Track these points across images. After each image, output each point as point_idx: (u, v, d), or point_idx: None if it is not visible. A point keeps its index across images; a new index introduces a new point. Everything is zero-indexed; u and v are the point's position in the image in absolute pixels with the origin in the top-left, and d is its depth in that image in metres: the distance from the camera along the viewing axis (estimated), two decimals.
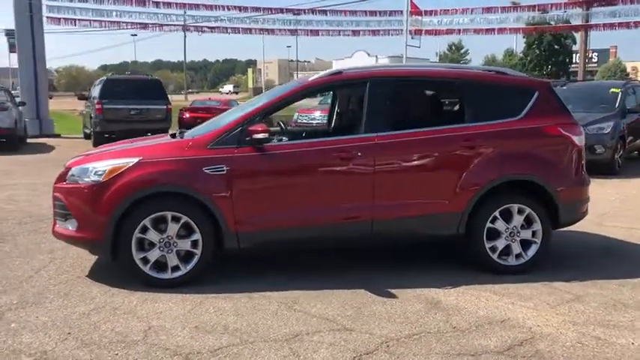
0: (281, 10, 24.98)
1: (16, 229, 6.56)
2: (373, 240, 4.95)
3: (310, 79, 5.07)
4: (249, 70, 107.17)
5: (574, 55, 51.77)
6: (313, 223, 4.75)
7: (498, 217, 4.97)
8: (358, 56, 72.19)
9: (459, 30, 26.14)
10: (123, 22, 22.89)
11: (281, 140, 5.07)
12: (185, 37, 64.44)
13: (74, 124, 24.44)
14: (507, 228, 5.00)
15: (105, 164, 4.62)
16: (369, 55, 73.26)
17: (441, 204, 4.90)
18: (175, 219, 4.56)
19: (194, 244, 4.61)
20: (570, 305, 4.37)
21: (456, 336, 3.80)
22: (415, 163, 4.89)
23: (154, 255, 4.57)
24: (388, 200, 4.82)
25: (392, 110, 4.97)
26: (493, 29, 25.80)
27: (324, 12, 25.20)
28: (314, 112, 16.46)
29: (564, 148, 5.13)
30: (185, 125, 19.40)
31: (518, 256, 5.05)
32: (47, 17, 20.72)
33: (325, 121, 14.89)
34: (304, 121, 16.45)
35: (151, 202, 4.53)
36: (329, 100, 17.04)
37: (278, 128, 5.72)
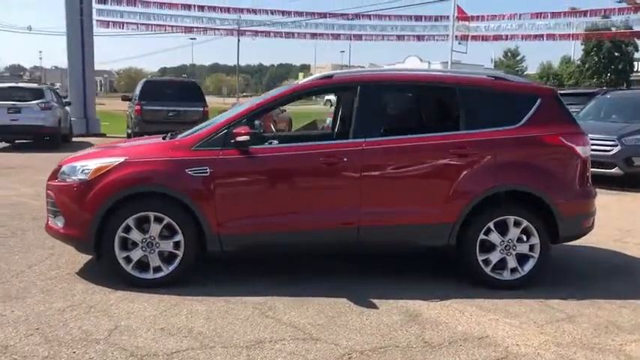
0: (324, 15, 25.07)
1: (29, 225, 6.74)
2: (360, 247, 4.83)
3: (301, 82, 5.00)
4: (300, 75, 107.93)
5: (636, 62, 49.70)
6: (297, 227, 4.66)
7: (493, 229, 4.76)
8: (410, 61, 71.28)
9: (507, 36, 25.52)
10: (168, 26, 23.38)
11: (271, 143, 5.01)
12: (239, 41, 65.21)
13: (123, 124, 25.15)
14: (502, 241, 4.77)
15: (92, 163, 4.68)
16: (421, 60, 72.29)
17: (431, 213, 4.73)
18: (158, 219, 4.56)
19: (176, 245, 4.61)
20: (559, 325, 4.13)
21: (424, 351, 3.64)
22: (404, 170, 4.74)
23: (136, 255, 4.59)
24: (375, 207, 4.69)
25: (382, 116, 4.85)
26: (542, 35, 25.01)
27: (368, 16, 25.09)
28: None
29: (566, 158, 4.86)
30: None
31: (513, 270, 4.82)
32: (97, 20, 21.38)
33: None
34: None
35: (134, 202, 4.56)
36: None
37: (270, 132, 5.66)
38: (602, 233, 6.93)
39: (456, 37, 24.94)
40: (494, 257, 4.79)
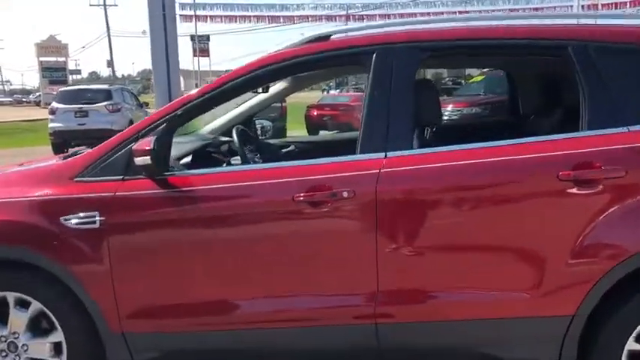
0: None
1: None
2: (381, 358, 2.57)
3: (272, 52, 2.81)
4: None
5: None
6: (264, 323, 2.51)
7: None
8: None
9: None
10: (247, 17, 22.11)
11: (228, 164, 2.86)
12: None
13: None
14: None
15: None
16: None
17: (519, 300, 2.37)
18: (21, 304, 2.62)
19: (56, 348, 2.63)
20: None
21: None
22: (466, 214, 2.40)
23: None
24: (405, 288, 2.42)
25: (420, 106, 2.53)
26: None
27: None
28: (446, 107, 13.03)
29: None
30: (313, 125, 17.41)
31: None
32: (180, 15, 20.42)
33: (461, 118, 11.87)
34: None
35: None
36: (472, 90, 13.36)
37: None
38: None
39: (582, 6, 21.42)
40: None
